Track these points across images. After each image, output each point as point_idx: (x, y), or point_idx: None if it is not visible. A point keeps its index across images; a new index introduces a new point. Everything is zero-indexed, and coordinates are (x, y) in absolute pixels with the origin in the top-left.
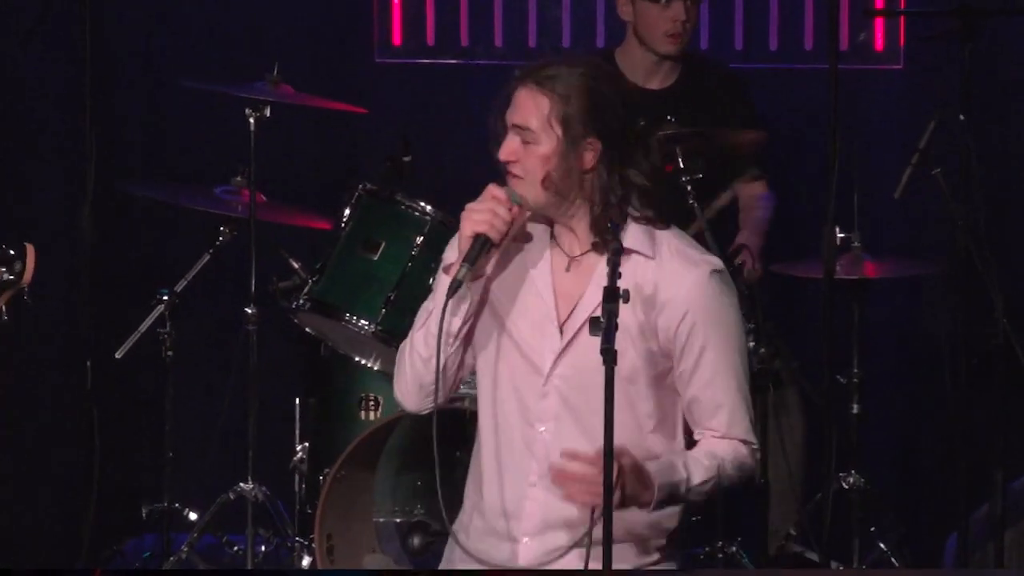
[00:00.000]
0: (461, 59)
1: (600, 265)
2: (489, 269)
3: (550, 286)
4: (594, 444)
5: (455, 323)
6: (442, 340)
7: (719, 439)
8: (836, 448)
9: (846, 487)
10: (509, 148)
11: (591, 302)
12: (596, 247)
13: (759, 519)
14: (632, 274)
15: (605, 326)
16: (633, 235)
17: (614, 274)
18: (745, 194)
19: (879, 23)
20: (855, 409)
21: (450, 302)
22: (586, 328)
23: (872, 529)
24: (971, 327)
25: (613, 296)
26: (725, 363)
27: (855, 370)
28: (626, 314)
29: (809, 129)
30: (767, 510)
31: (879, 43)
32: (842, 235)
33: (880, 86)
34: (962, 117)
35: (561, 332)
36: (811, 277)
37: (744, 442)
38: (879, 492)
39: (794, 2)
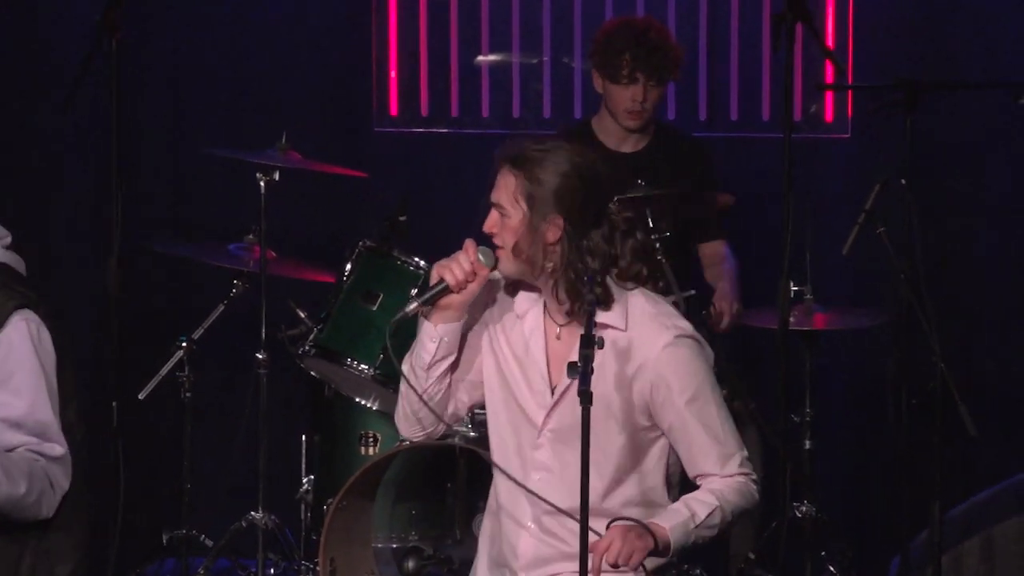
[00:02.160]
0: (452, 128)
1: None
2: (460, 315)
3: (543, 351)
4: (574, 493)
5: (425, 357)
6: (416, 372)
7: (718, 479)
8: (790, 480)
9: (799, 515)
10: (489, 221)
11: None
12: (570, 314)
13: (721, 544)
14: (609, 346)
15: (581, 370)
16: (609, 309)
17: (590, 322)
18: (708, 252)
19: (829, 96)
20: (807, 445)
21: (423, 340)
22: (574, 387)
23: (823, 553)
24: (912, 371)
25: (589, 342)
26: (705, 412)
27: (807, 410)
28: (604, 380)
29: (766, 191)
30: (728, 536)
31: (829, 115)
32: (795, 288)
33: (830, 153)
34: (904, 181)
35: (552, 391)
36: (767, 326)
37: (741, 475)
38: (829, 520)
39: (752, 77)
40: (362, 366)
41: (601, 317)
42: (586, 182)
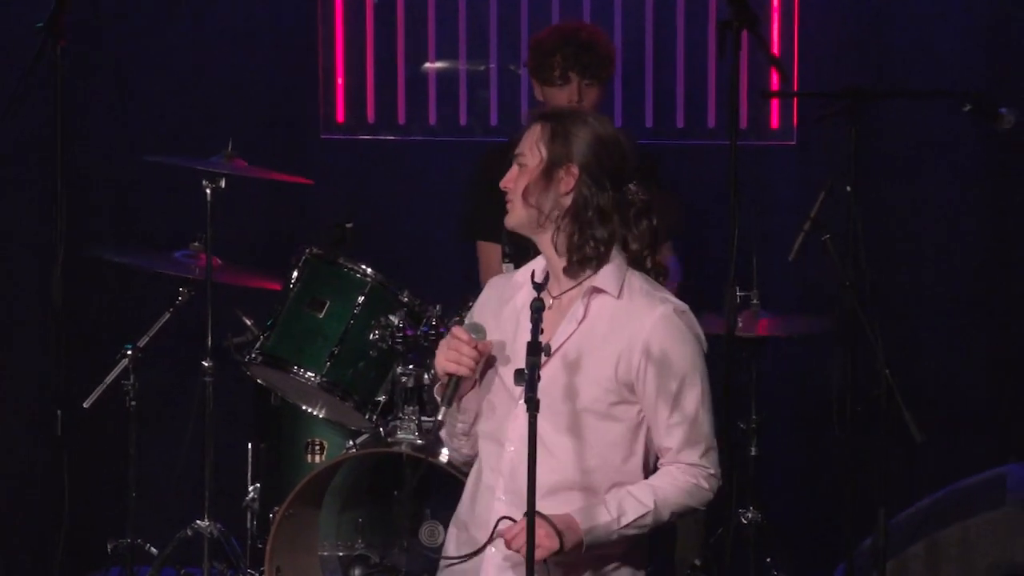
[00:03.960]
0: (398, 136)
1: (576, 304)
2: (473, 384)
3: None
4: (551, 467)
5: (461, 427)
6: (455, 442)
7: (670, 465)
8: (736, 487)
9: (745, 522)
10: (507, 176)
11: (560, 337)
12: (567, 271)
13: (668, 550)
14: (599, 312)
15: (528, 377)
16: (605, 276)
17: (536, 329)
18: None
19: (775, 104)
20: (753, 451)
21: (445, 411)
22: (556, 358)
23: (768, 560)
24: (857, 377)
25: (536, 349)
26: (683, 392)
27: (753, 416)
28: (592, 348)
29: (712, 199)
30: (675, 542)
31: (775, 122)
32: (742, 294)
33: (776, 160)
34: (849, 188)
35: None
36: (714, 332)
37: (697, 466)
38: (775, 526)
39: (699, 85)
40: (308, 374)
41: (597, 281)
42: (609, 142)
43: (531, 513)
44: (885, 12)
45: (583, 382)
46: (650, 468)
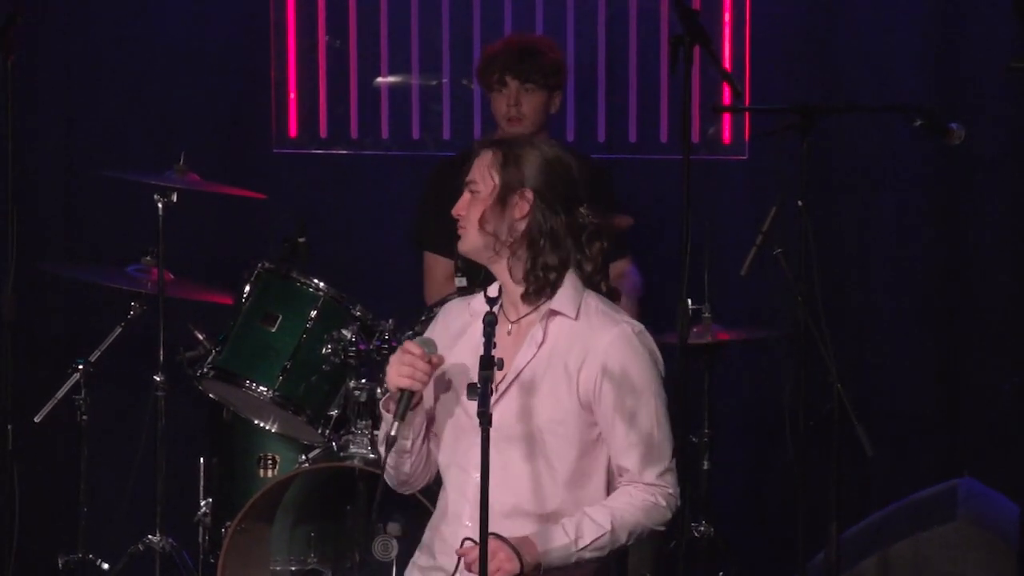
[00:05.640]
0: (351, 150)
1: (534, 329)
2: (428, 397)
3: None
4: (515, 492)
5: (406, 444)
6: (396, 458)
7: (627, 485)
8: (689, 500)
9: (697, 536)
10: (459, 204)
11: (521, 362)
12: (525, 298)
13: (619, 564)
14: (558, 334)
15: (481, 391)
16: (562, 298)
17: (489, 343)
18: (612, 272)
19: (727, 119)
20: (706, 465)
21: (399, 426)
22: (517, 383)
23: (720, 574)
24: (809, 391)
25: (488, 363)
26: (640, 411)
27: (706, 430)
28: (552, 371)
29: (664, 213)
30: (627, 556)
31: (727, 137)
32: (694, 307)
33: (728, 175)
34: (800, 203)
35: (496, 388)
36: (667, 343)
37: (655, 485)
38: (727, 540)
39: (651, 100)
40: (261, 388)
41: (554, 304)
42: (560, 166)
43: (484, 529)
44: (836, 28)
45: (545, 405)
46: (612, 490)
